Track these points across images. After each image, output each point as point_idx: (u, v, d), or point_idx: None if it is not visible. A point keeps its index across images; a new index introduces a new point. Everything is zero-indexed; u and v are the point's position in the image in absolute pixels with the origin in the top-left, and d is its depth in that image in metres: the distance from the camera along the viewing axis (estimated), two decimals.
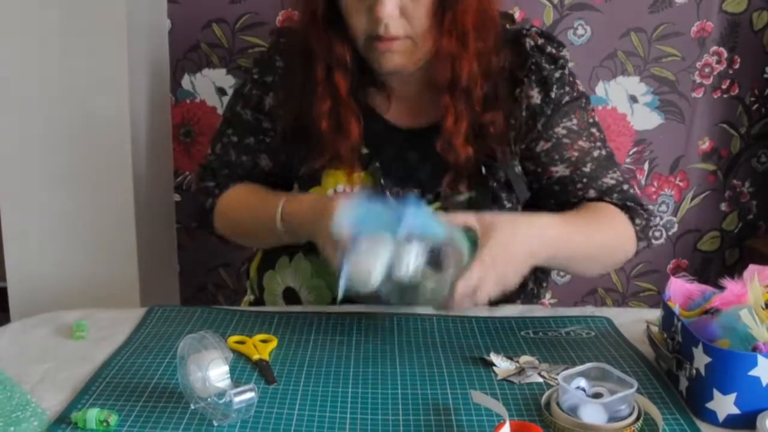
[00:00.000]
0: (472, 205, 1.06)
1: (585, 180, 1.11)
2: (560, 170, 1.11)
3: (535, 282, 1.21)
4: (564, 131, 1.11)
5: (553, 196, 1.13)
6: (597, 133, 1.14)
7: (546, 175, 1.12)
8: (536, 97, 1.09)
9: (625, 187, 1.14)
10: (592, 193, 1.12)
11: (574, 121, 1.11)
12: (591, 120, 1.14)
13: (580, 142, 1.11)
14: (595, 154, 1.12)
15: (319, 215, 0.96)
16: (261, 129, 1.18)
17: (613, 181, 1.12)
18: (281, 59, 1.17)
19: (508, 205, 1.09)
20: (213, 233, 1.24)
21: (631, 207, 1.12)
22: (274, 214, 1.07)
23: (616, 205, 1.12)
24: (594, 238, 1.06)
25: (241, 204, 1.19)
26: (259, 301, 1.25)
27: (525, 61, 1.09)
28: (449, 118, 1.05)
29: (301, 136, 1.11)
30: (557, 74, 1.10)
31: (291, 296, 1.18)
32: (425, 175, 1.10)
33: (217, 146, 1.23)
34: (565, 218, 1.04)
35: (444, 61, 1.03)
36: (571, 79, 1.12)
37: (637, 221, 1.11)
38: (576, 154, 1.11)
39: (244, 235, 1.22)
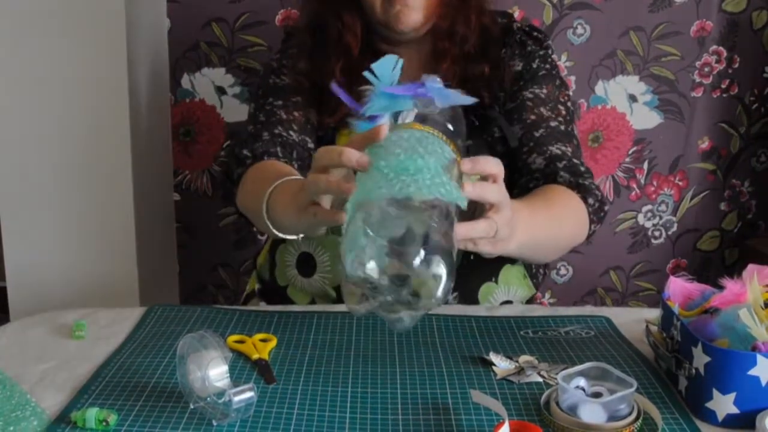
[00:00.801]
0: (470, 155, 1.06)
1: (531, 144, 1.13)
2: (514, 131, 1.14)
3: (536, 267, 1.21)
4: (530, 95, 1.16)
5: (497, 156, 1.09)
6: (563, 111, 1.16)
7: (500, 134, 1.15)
8: (518, 65, 1.18)
9: (575, 161, 1.10)
10: (537, 160, 1.11)
11: (544, 90, 1.16)
12: (562, 99, 1.17)
13: (542, 109, 1.15)
14: (552, 124, 1.14)
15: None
16: (305, 89, 1.17)
17: (559, 152, 1.11)
18: (296, 38, 1.23)
19: (502, 150, 1.13)
20: (239, 211, 1.13)
21: (583, 186, 1.08)
22: (263, 195, 0.93)
23: (568, 185, 1.07)
24: (555, 225, 1.02)
25: (255, 181, 1.04)
26: (267, 287, 1.23)
27: (512, 37, 1.19)
28: (446, 63, 1.13)
29: (316, 97, 1.16)
30: (540, 52, 1.19)
31: (305, 263, 1.15)
32: None
33: (260, 116, 1.16)
34: (531, 204, 0.99)
35: (446, 10, 1.12)
36: (551, 60, 1.20)
37: (590, 201, 1.07)
38: (533, 117, 1.14)
39: (253, 219, 1.05)
